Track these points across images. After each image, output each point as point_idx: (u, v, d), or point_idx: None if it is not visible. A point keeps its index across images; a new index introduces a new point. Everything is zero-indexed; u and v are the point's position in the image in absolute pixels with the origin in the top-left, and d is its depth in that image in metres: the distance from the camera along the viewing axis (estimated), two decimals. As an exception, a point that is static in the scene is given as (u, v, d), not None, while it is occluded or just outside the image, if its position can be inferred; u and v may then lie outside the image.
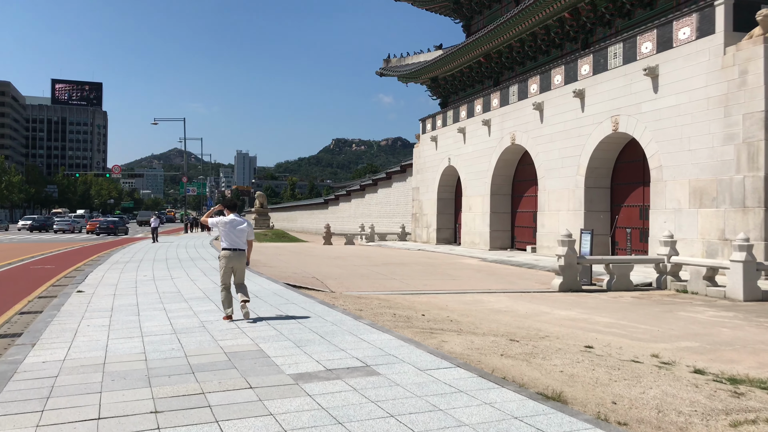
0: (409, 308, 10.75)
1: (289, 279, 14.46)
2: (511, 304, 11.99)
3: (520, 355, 6.27)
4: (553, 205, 24.59)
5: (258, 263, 18.87)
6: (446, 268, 19.31)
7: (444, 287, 14.45)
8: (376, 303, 11.20)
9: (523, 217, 28.88)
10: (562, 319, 10.31)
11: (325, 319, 8.26)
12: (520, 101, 27.06)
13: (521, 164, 28.90)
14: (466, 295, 13.15)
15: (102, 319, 8.51)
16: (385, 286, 14.23)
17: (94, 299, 10.64)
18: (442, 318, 9.67)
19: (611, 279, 14.73)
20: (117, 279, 14.08)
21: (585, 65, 22.78)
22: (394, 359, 5.84)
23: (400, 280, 15.45)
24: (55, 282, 14.65)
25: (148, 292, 11.62)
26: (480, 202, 30.31)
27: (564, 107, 23.89)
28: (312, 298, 10.36)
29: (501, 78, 32.31)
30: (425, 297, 12.71)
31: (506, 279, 16.51)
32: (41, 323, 8.31)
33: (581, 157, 22.84)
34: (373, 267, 19.06)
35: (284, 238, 47.76)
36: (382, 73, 39.52)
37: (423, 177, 37.66)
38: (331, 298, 11.29)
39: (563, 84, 24.05)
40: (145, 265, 17.96)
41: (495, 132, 29.06)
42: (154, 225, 36.51)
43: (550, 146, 24.77)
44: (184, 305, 9.76)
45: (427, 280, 15.77)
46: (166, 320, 8.37)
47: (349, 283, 14.56)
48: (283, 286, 12.31)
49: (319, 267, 18.50)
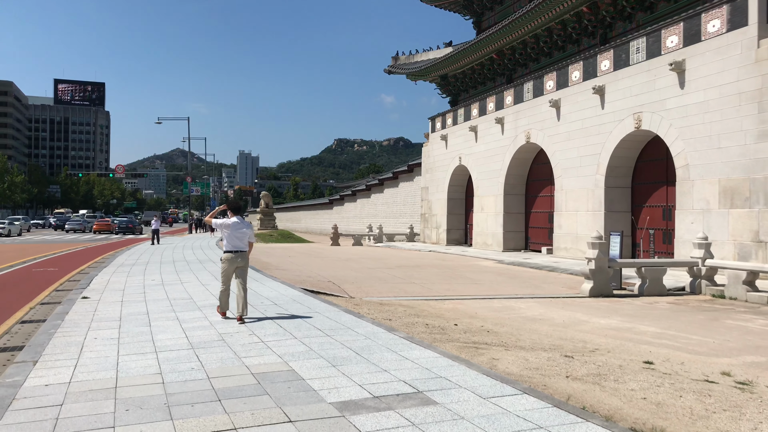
0: (438, 316, 10.02)
1: (305, 283, 13.73)
2: (543, 311, 11.25)
3: (588, 377, 5.53)
4: (571, 206, 23.84)
5: (269, 266, 18.16)
6: (464, 271, 18.57)
7: (467, 292, 13.71)
8: (402, 310, 10.47)
9: (537, 218, 28.12)
10: (604, 328, 9.57)
11: (355, 331, 7.53)
12: (535, 98, 26.31)
13: (535, 163, 28.14)
14: (493, 301, 12.41)
15: (110, 331, 7.79)
16: (406, 291, 13.50)
17: (100, 307, 9.92)
18: (476, 328, 8.94)
19: (643, 283, 13.97)
20: (124, 283, 13.36)
21: (605, 61, 22.01)
22: (447, 383, 5.10)
23: (420, 285, 14.71)
24: (59, 286, 13.94)
25: (158, 298, 10.90)
26: (493, 202, 29.56)
27: (582, 104, 23.13)
28: (335, 306, 9.63)
29: (514, 75, 31.55)
30: (450, 303, 11.97)
31: (530, 283, 15.76)
32: (44, 335, 7.59)
33: (601, 156, 22.09)
34: (388, 270, 18.33)
35: (290, 238, 47.07)
36: (390, 71, 38.77)
37: (432, 176, 36.91)
38: (353, 305, 10.56)
39: (581, 80, 23.29)
40: (153, 268, 17.25)
41: (508, 130, 28.31)
42: (155, 226, 33.77)
43: (568, 144, 24.01)
44: (198, 314, 9.03)
45: (448, 284, 15.03)
46: (181, 332, 7.65)
47: (367, 287, 13.82)
48: (301, 291, 11.58)
49: (333, 270, 17.77)
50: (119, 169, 58.84)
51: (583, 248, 23.14)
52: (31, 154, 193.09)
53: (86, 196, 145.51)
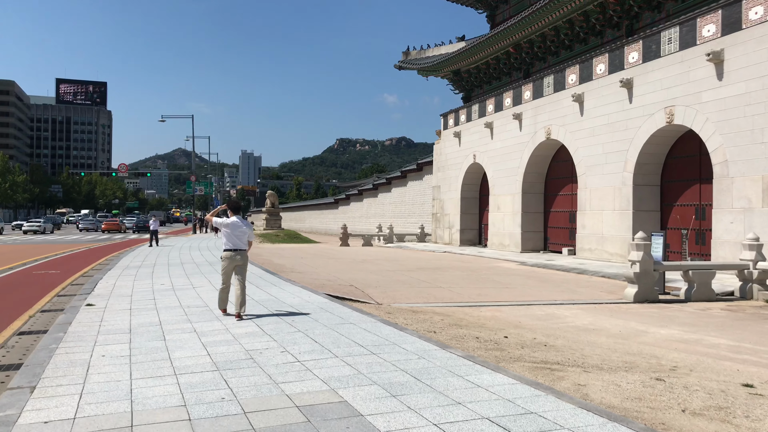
0: (481, 327, 9.02)
1: (326, 288, 12.73)
2: (592, 319, 10.24)
3: (708, 411, 4.53)
4: (596, 205, 22.80)
5: (284, 268, 17.17)
6: (488, 274, 17.56)
7: (501, 297, 12.71)
8: (439, 320, 9.47)
9: (557, 217, 27.09)
10: (668, 340, 8.56)
11: (403, 348, 6.52)
12: (556, 93, 25.28)
13: (555, 161, 27.11)
14: (532, 308, 11.40)
15: (120, 346, 6.80)
16: (436, 297, 12.49)
17: (107, 316, 8.93)
18: (529, 341, 7.94)
19: (690, 288, 12.95)
20: (131, 288, 12.37)
21: (633, 52, 20.98)
22: (545, 422, 4.10)
23: (448, 289, 13.71)
24: (61, 291, 12.97)
25: (170, 305, 9.90)
26: (510, 201, 28.54)
27: (608, 98, 22.10)
28: (369, 316, 8.63)
29: (532, 69, 30.51)
30: (488, 311, 10.96)
31: (564, 287, 14.74)
32: (44, 351, 6.60)
33: (629, 152, 21.05)
34: (408, 273, 17.32)
35: (296, 239, 46.09)
36: (401, 67, 37.76)
37: (445, 175, 35.89)
38: (386, 314, 9.55)
39: (607, 73, 22.26)
40: (160, 271, 16.26)
41: (527, 126, 27.28)
42: (154, 227, 31.57)
43: (592, 141, 22.98)
44: (217, 325, 8.04)
45: (477, 288, 14.02)
46: (201, 347, 6.65)
47: (393, 292, 12.82)
48: (325, 297, 10.57)
49: (351, 272, 16.77)
50: (122, 168, 57.92)
51: (609, 249, 22.14)
52: (33, 153, 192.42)
53: (88, 196, 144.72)
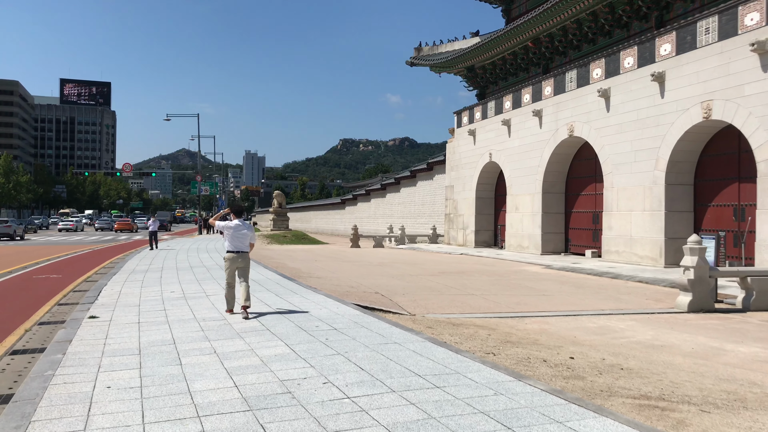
0: (535, 343, 7.94)
1: (351, 296, 11.65)
2: (654, 333, 9.14)
3: None
4: (623, 205, 21.68)
5: (300, 273, 16.10)
6: (517, 279, 16.46)
7: (542, 307, 11.62)
8: (486, 335, 8.39)
9: (579, 218, 25.97)
10: (755, 360, 7.47)
11: (469, 377, 5.44)
12: (579, 88, 24.17)
13: (577, 159, 26.00)
14: (581, 319, 10.31)
15: (128, 373, 5.74)
16: (471, 306, 11.41)
17: (112, 331, 7.87)
18: (599, 363, 6.86)
19: (748, 296, 11.84)
20: (138, 296, 11.32)
21: (665, 44, 19.86)
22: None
23: (482, 297, 12.62)
24: (62, 299, 11.93)
25: (183, 317, 8.84)
26: (529, 201, 27.43)
27: (637, 93, 20.99)
28: (413, 333, 7.53)
29: (552, 64, 29.40)
30: (533, 323, 9.88)
31: (603, 294, 13.64)
32: (38, 380, 5.55)
33: (661, 150, 19.94)
34: (432, 278, 16.24)
35: (304, 239, 45.06)
36: (413, 63, 36.68)
37: (458, 174, 34.78)
38: (426, 327, 8.48)
39: (636, 67, 21.14)
40: (169, 276, 15.20)
41: (548, 123, 26.18)
42: (153, 228, 29.01)
43: (619, 138, 21.87)
44: (240, 344, 6.96)
45: (512, 296, 12.93)
46: (225, 376, 5.58)
47: (423, 300, 11.74)
48: (355, 308, 9.49)
49: (372, 278, 15.68)
50: (126, 167, 56.93)
51: (639, 252, 21.02)
52: (37, 154, 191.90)
53: (92, 196, 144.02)
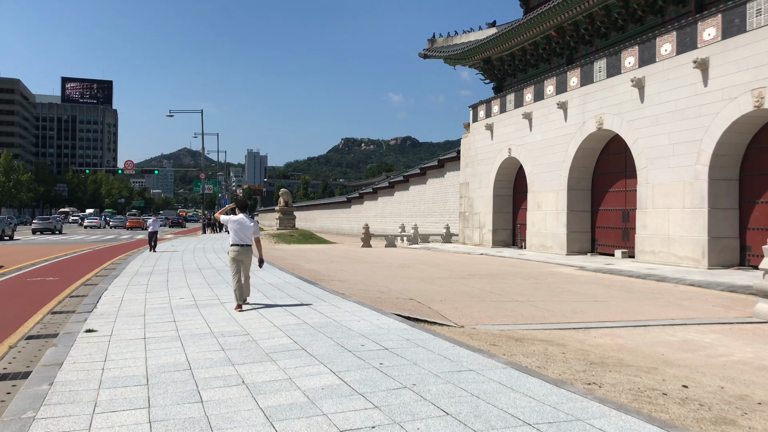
0: (624, 364, 6.55)
1: (385, 303, 10.25)
2: (755, 351, 7.74)
3: None
4: (660, 202, 20.26)
5: (319, 275, 14.69)
6: (557, 282, 15.05)
7: (600, 315, 10.21)
8: (559, 353, 7.00)
9: (607, 216, 24.55)
10: None
11: (598, 428, 4.03)
12: (609, 78, 22.74)
13: (605, 154, 24.58)
14: (654, 331, 8.91)
15: (133, 415, 4.34)
16: (522, 315, 10.01)
17: (113, 350, 6.48)
18: (718, 393, 5.47)
19: (834, 303, 10.42)
20: (143, 304, 9.93)
21: (709, 29, 18.42)
22: None
23: (529, 303, 11.22)
24: (56, 306, 10.55)
25: (197, 331, 7.45)
26: (553, 198, 26.00)
27: (676, 82, 19.56)
28: (488, 356, 6.07)
29: (576, 54, 27.95)
30: (603, 336, 8.48)
31: (661, 300, 12.23)
32: (13, 425, 4.15)
33: (703, 142, 18.52)
34: (463, 281, 14.84)
35: (312, 239, 43.68)
36: (426, 55, 35.25)
37: (474, 171, 33.36)
38: (489, 345, 7.08)
39: (674, 53, 19.71)
40: (176, 279, 13.81)
41: (574, 116, 24.75)
42: (153, 229, 26.02)
43: (655, 130, 20.44)
44: (273, 370, 5.55)
45: (562, 302, 11.53)
46: (264, 421, 4.18)
47: (466, 309, 10.33)
48: (399, 320, 8.08)
49: (399, 281, 14.27)
50: (128, 165, 55.55)
51: (678, 252, 19.60)
52: (38, 152, 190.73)
53: (94, 195, 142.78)
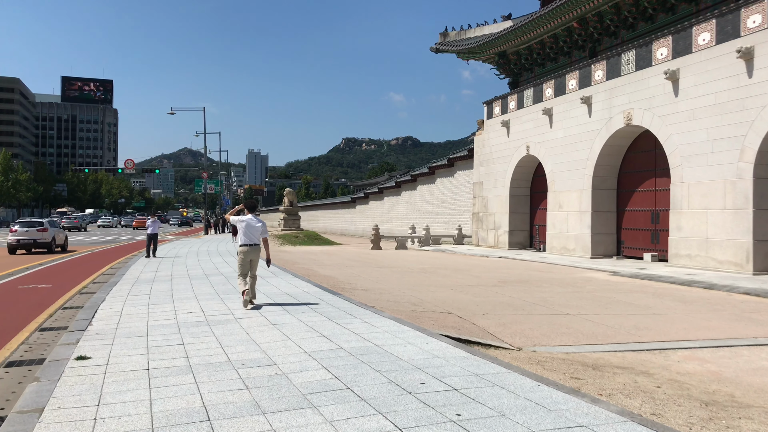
0: (739, 403, 5.25)
1: (422, 318, 8.93)
2: None
3: None
4: (697, 202, 18.94)
5: (338, 283, 13.37)
6: (598, 290, 13.74)
7: (669, 333, 8.90)
8: (651, 386, 5.71)
9: (634, 217, 23.23)
10: None
11: None
12: (639, 71, 21.42)
13: (632, 151, 23.26)
14: (741, 353, 7.60)
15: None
16: (581, 332, 8.69)
17: (108, 389, 5.17)
18: None
19: None
20: (145, 319, 8.62)
21: (755, 15, 17.10)
22: None
23: (581, 317, 9.90)
24: (46, 321, 9.24)
25: (213, 359, 6.14)
26: (576, 198, 24.68)
27: (716, 73, 18.24)
28: (591, 401, 4.72)
29: (599, 47, 26.63)
30: (687, 360, 7.17)
31: (724, 312, 10.92)
32: None
33: (747, 138, 17.19)
34: (497, 289, 13.52)
35: (318, 240, 42.39)
36: (438, 49, 33.93)
37: (488, 170, 32.04)
38: (570, 378, 5.78)
39: (714, 43, 18.38)
40: (181, 287, 12.49)
41: (599, 111, 23.43)
42: (152, 231, 22.82)
43: (692, 125, 19.12)
44: (316, 422, 4.23)
45: (618, 315, 10.21)
46: None
47: (515, 325, 9.02)
48: (451, 344, 6.74)
49: (428, 290, 12.94)
50: (128, 164, 54.25)
51: (718, 256, 18.28)
52: (38, 152, 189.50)
53: (94, 194, 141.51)
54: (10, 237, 26.72)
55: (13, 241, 26.38)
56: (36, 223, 27.41)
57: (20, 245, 26.52)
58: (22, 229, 26.71)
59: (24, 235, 26.41)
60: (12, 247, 26.57)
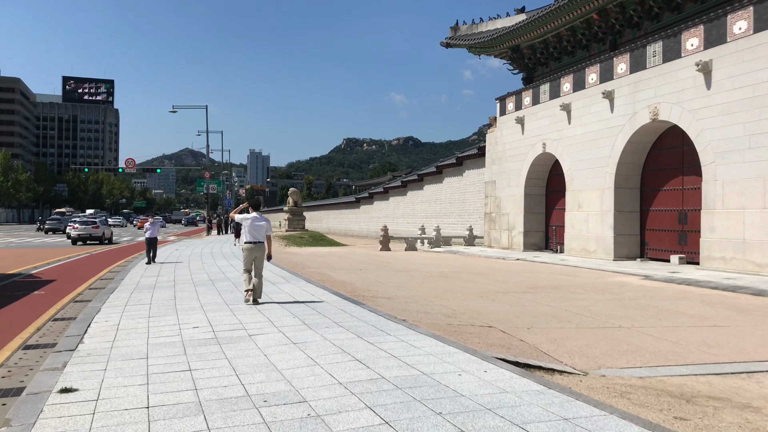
0: None
1: (463, 335, 7.81)
2: None
3: None
4: (732, 201, 17.81)
5: (357, 289, 12.23)
6: (640, 297, 12.61)
7: (746, 350, 7.78)
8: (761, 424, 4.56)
9: (659, 218, 22.09)
10: None
11: None
12: (666, 63, 20.28)
13: (657, 148, 22.13)
14: None
15: None
16: (644, 349, 7.57)
17: (98, 437, 4.04)
18: None
19: None
20: (145, 336, 7.50)
21: (797, 1, 15.97)
22: None
23: (636, 329, 8.77)
24: (32, 336, 8.13)
25: (227, 395, 5.01)
26: (597, 198, 23.54)
27: (754, 64, 17.10)
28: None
29: (620, 39, 25.47)
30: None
31: (791, 322, 9.78)
32: None
33: (789, 133, 16.06)
34: (529, 296, 12.39)
35: (323, 241, 41.27)
36: (448, 44, 32.80)
37: (502, 168, 30.91)
38: (673, 419, 4.65)
39: (751, 32, 17.25)
40: (185, 296, 11.37)
41: (622, 106, 22.30)
42: (152, 234, 20.15)
43: (726, 120, 17.99)
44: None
45: (675, 328, 9.08)
46: None
47: (567, 341, 7.90)
48: (513, 371, 5.60)
49: (455, 298, 11.81)
50: (129, 163, 53.17)
51: (757, 259, 17.14)
52: (39, 152, 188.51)
53: (95, 195, 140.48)
54: (73, 232, 34.88)
55: (76, 236, 34.61)
56: (91, 222, 36.60)
57: (80, 238, 34.73)
58: (81, 227, 35.19)
59: (83, 231, 34.83)
60: (74, 240, 34.58)
